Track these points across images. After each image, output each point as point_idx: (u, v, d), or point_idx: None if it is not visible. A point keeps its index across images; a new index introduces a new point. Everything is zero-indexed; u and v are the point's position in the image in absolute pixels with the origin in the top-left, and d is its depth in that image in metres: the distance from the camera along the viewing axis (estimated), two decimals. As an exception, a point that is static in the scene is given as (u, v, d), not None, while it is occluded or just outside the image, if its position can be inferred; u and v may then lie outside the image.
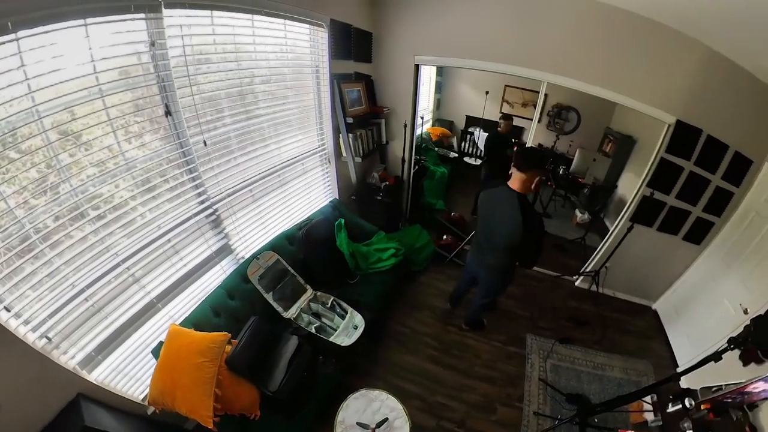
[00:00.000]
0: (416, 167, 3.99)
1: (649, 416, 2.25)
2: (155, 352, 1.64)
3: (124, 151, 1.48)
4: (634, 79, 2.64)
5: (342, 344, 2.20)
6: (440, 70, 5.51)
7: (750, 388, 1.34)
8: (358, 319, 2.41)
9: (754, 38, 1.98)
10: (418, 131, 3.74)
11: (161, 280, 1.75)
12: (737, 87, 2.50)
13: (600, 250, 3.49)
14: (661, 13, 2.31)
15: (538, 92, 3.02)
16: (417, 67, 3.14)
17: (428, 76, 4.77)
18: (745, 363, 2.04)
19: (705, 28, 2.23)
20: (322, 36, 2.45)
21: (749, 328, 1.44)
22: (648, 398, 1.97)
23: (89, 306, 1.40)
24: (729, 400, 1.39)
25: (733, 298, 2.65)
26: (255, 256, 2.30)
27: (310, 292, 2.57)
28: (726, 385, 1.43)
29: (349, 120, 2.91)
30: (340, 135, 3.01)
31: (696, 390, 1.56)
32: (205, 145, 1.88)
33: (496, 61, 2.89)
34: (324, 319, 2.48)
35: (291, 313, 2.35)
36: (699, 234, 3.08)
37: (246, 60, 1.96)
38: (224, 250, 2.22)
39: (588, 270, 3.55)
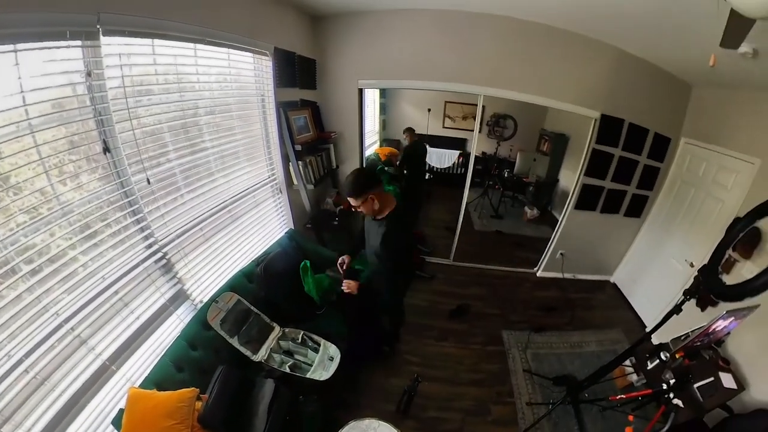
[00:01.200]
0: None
1: (633, 377, 2.50)
2: (116, 423, 1.41)
3: (59, 193, 1.33)
4: (560, 84, 3.14)
5: (321, 379, 2.11)
6: (384, 92, 5.84)
7: (713, 328, 1.58)
8: (333, 350, 2.34)
9: (652, 36, 2.54)
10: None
11: (112, 338, 1.54)
12: (647, 78, 3.11)
13: (553, 239, 3.91)
14: (575, 24, 2.83)
15: (476, 105, 3.37)
16: (361, 90, 3.33)
17: (372, 98, 5.05)
18: (703, 308, 2.40)
19: (614, 34, 2.79)
20: (267, 64, 2.51)
21: (698, 278, 1.72)
22: (627, 362, 2.18)
23: (31, 378, 1.18)
24: (698, 344, 1.63)
25: (678, 256, 3.19)
26: (213, 300, 2.14)
27: (277, 330, 2.44)
28: (692, 331, 1.67)
29: (298, 147, 2.95)
30: (290, 163, 3.01)
31: (668, 343, 1.79)
32: (149, 183, 1.77)
33: (435, 79, 3.21)
34: (297, 356, 2.36)
35: (261, 356, 2.20)
36: (637, 208, 3.71)
37: (189, 91, 1.92)
38: (179, 297, 2.04)
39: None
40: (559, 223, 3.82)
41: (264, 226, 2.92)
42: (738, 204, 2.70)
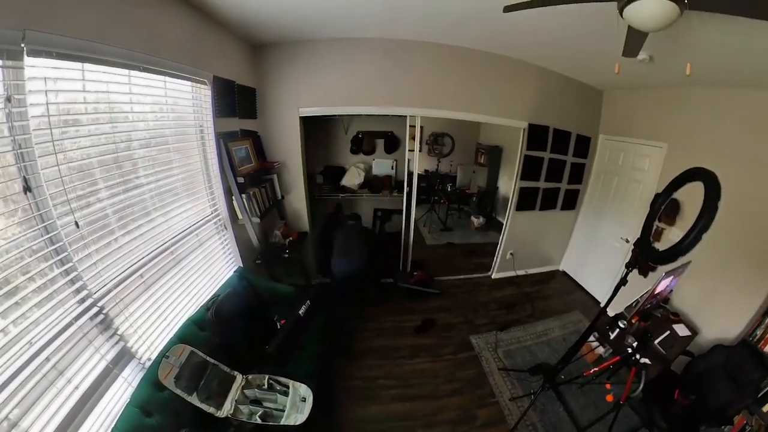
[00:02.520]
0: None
1: (600, 350, 2.78)
2: None
3: (-30, 243, 1.12)
4: (490, 100, 3.58)
5: (296, 423, 1.98)
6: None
7: (657, 290, 1.87)
8: (304, 390, 2.22)
9: (567, 54, 3.09)
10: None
11: (48, 416, 1.26)
12: (565, 89, 3.74)
13: (501, 242, 4.28)
14: (501, 48, 3.30)
15: (414, 126, 3.65)
16: (302, 118, 3.37)
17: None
18: (645, 275, 2.82)
19: (535, 54, 3.31)
20: (205, 93, 2.43)
21: (635, 251, 2.02)
22: (592, 338, 2.42)
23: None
24: (649, 306, 1.89)
25: (615, 235, 3.79)
26: (163, 355, 1.90)
27: (240, 378, 2.24)
28: (641, 296, 1.94)
29: (241, 179, 2.85)
30: (233, 197, 2.89)
31: (622, 312, 2.05)
32: (78, 226, 1.56)
33: (374, 104, 3.42)
34: (267, 404, 2.18)
35: (227, 410, 2.00)
36: (571, 201, 4.34)
37: (122, 121, 1.77)
38: (123, 357, 1.76)
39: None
40: (504, 226, 4.21)
41: (210, 267, 2.71)
42: (655, 182, 3.38)
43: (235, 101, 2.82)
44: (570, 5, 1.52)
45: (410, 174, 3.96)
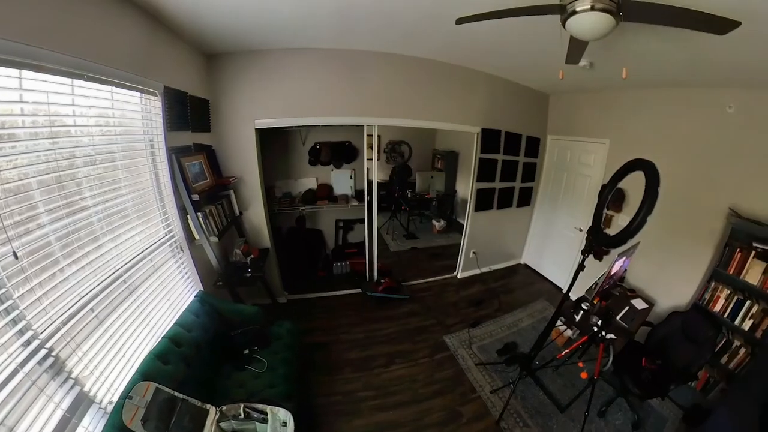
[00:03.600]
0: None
1: (568, 333, 3.00)
2: None
3: None
4: (444, 108, 3.77)
5: None
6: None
7: (613, 271, 2.08)
8: (283, 414, 2.12)
9: (516, 62, 3.34)
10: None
11: (-1, 482, 1.06)
12: (515, 94, 4.06)
13: (464, 243, 4.49)
14: (453, 58, 3.49)
15: (372, 135, 3.69)
16: (258, 130, 3.27)
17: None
18: (600, 259, 3.15)
19: (486, 63, 3.55)
20: (156, 105, 2.26)
21: (589, 238, 2.25)
22: (559, 322, 2.62)
23: None
24: (607, 286, 2.10)
25: (569, 226, 4.19)
26: (126, 396, 1.70)
27: (213, 411, 2.08)
28: (599, 278, 2.15)
29: (195, 197, 2.68)
30: (188, 216, 2.70)
31: (584, 295, 2.26)
32: (16, 257, 1.37)
33: (331, 115, 3.42)
34: None
35: None
36: (526, 198, 4.71)
37: (64, 136, 1.59)
38: (81, 403, 1.55)
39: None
40: (465, 227, 4.42)
41: (169, 294, 2.49)
42: (601, 175, 3.83)
43: (188, 113, 2.66)
44: (518, 18, 1.69)
45: (370, 183, 4.01)
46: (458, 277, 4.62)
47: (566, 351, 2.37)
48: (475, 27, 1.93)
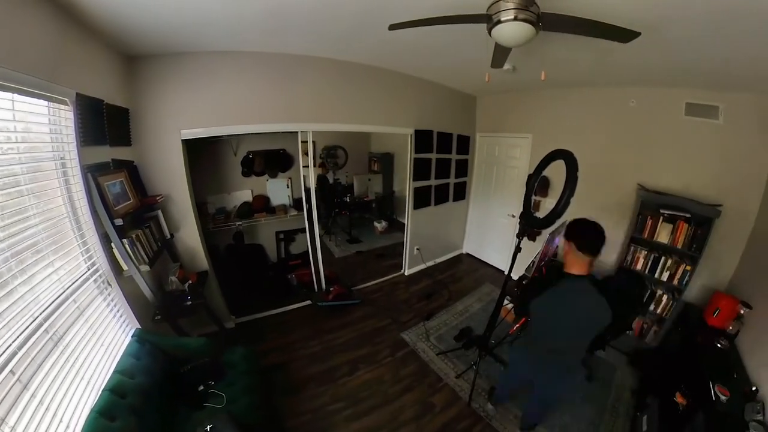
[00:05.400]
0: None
1: None
2: None
3: None
4: (378, 111, 3.87)
5: None
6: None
7: (546, 249, 2.40)
8: None
9: (445, 67, 3.58)
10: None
11: None
12: (445, 97, 4.35)
13: (407, 241, 4.69)
14: (385, 62, 3.57)
15: (307, 141, 3.61)
16: (185, 142, 2.94)
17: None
18: (534, 240, 3.64)
19: (416, 67, 3.72)
20: (67, 116, 1.89)
21: (522, 223, 2.56)
22: (506, 301, 2.91)
23: None
24: (542, 263, 2.40)
25: (503, 213, 4.69)
26: (74, 470, 1.43)
27: None
28: (535, 257, 2.46)
29: (119, 222, 2.32)
30: (113, 244, 2.33)
31: (524, 273, 2.54)
32: None
33: (263, 122, 3.27)
34: None
35: None
36: (461, 193, 5.11)
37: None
38: (21, 490, 1.24)
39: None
40: (406, 226, 4.63)
41: (101, 338, 2.12)
42: (527, 165, 4.34)
43: (105, 125, 2.28)
44: (447, 25, 1.84)
45: (307, 190, 3.93)
46: (406, 274, 4.81)
47: (517, 326, 2.68)
48: (407, 33, 2.05)
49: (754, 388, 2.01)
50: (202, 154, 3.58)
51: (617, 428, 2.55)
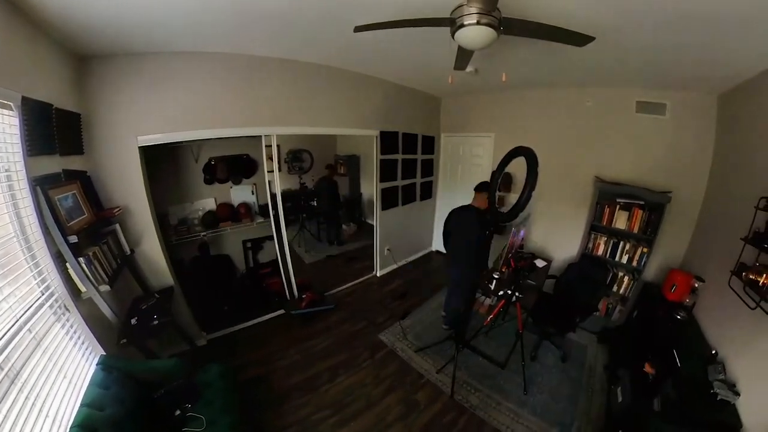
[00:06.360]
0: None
1: (488, 301, 3.49)
2: None
3: None
4: (342, 113, 3.84)
5: None
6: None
7: (512, 241, 2.56)
8: None
9: (408, 69, 3.62)
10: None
11: None
12: (409, 99, 4.42)
13: (376, 242, 4.73)
14: (348, 64, 3.55)
15: (271, 146, 3.49)
16: (143, 149, 2.72)
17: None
18: (501, 233, 3.80)
19: (381, 70, 3.73)
20: (11, 122, 1.68)
21: (488, 217, 2.71)
22: (478, 294, 3.06)
23: None
24: (511, 255, 2.57)
25: None
26: None
27: None
28: (503, 250, 2.62)
29: (73, 239, 2.11)
30: (68, 264, 2.11)
31: (493, 266, 2.70)
32: None
33: (225, 126, 3.13)
34: None
35: None
36: (428, 192, 5.24)
37: None
38: None
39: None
40: (375, 227, 4.67)
41: (63, 369, 1.92)
42: (491, 163, 4.56)
43: (54, 132, 2.04)
44: (412, 28, 1.88)
45: (273, 196, 3.82)
46: (378, 275, 4.85)
47: (491, 317, 2.83)
48: (372, 35, 2.06)
49: (714, 351, 2.25)
50: (161, 162, 3.34)
51: (595, 402, 2.78)
